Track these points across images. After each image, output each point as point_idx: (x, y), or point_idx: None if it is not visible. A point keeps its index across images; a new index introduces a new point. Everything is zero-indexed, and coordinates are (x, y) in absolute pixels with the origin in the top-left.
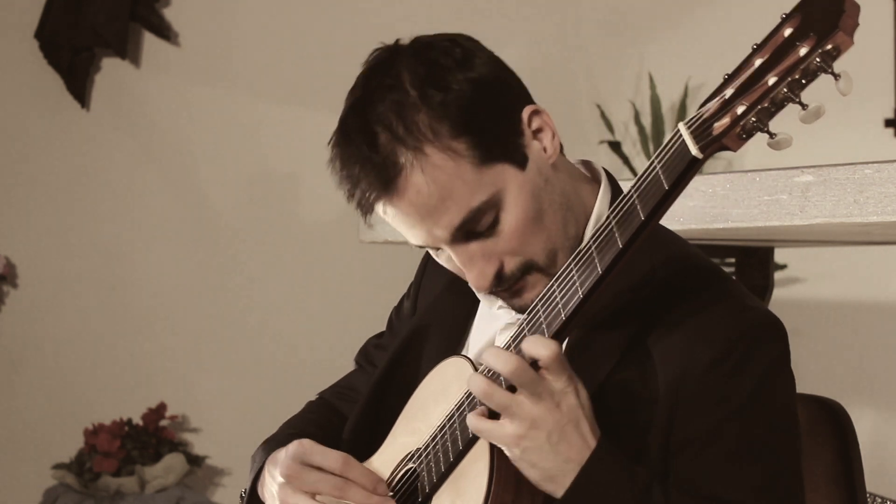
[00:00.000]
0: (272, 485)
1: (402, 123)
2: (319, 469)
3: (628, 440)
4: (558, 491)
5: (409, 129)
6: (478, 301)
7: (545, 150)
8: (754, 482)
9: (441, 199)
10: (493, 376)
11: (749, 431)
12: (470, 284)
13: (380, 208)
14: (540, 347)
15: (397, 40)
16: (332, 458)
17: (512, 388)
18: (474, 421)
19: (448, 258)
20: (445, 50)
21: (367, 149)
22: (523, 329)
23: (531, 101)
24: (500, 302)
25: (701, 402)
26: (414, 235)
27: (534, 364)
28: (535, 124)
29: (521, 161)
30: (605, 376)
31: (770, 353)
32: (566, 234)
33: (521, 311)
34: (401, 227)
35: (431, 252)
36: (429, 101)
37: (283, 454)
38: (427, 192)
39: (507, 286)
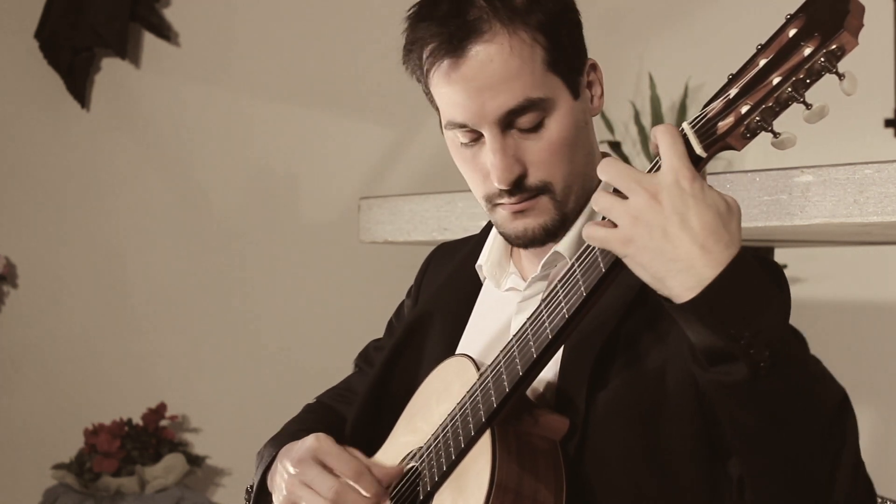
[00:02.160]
0: (282, 474)
1: None
2: (331, 470)
3: (646, 385)
4: (676, 295)
5: (505, 4)
6: (479, 287)
7: (592, 101)
8: None
9: (508, 77)
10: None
11: None
12: (494, 176)
13: (440, 69)
14: (657, 129)
15: None
16: (345, 464)
17: None
18: (589, 228)
19: (473, 156)
20: None
21: (460, 6)
22: (541, 312)
23: None
24: (508, 283)
25: None
26: (464, 109)
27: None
28: (591, 76)
29: (575, 92)
30: (615, 326)
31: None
32: (584, 183)
33: (517, 239)
34: (454, 96)
35: (460, 140)
36: None
37: (299, 445)
38: (500, 65)
39: (520, 197)
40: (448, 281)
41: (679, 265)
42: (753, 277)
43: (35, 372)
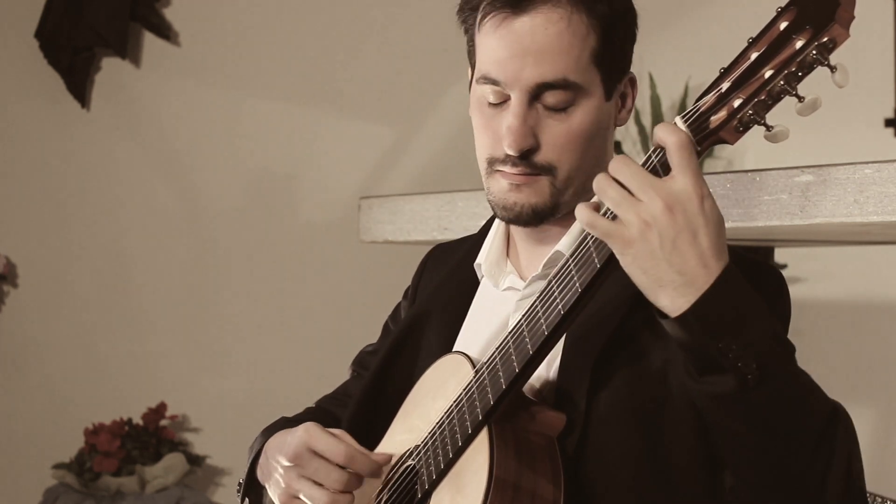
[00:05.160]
0: (276, 468)
1: None
2: (322, 455)
3: (648, 385)
4: (668, 306)
5: None
6: (477, 286)
7: (620, 111)
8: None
9: (556, 50)
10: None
11: None
12: (507, 139)
13: (494, 20)
14: (667, 133)
15: None
16: (335, 448)
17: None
18: (587, 215)
19: (491, 117)
20: None
21: None
22: (536, 308)
23: None
24: (507, 282)
25: None
26: (503, 66)
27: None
28: (626, 88)
29: (609, 94)
30: (617, 325)
31: (785, 304)
32: (587, 179)
33: (507, 211)
34: (498, 52)
35: (488, 98)
36: None
37: (290, 437)
38: (553, 35)
39: (522, 170)
40: (446, 280)
41: (683, 279)
42: (742, 292)
43: (35, 372)
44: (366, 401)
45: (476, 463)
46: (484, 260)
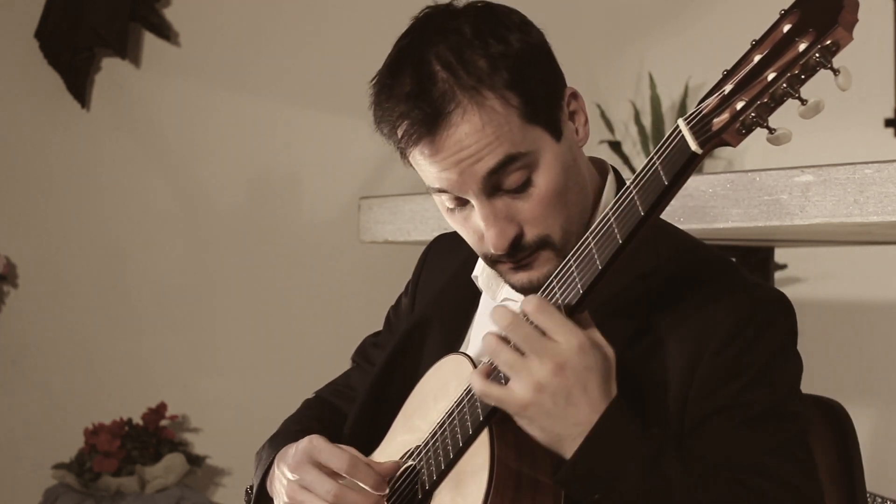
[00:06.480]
0: (281, 480)
1: (462, 64)
2: (326, 467)
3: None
4: (567, 453)
5: (468, 71)
6: (479, 295)
7: (577, 132)
8: (769, 446)
9: (486, 142)
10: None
11: (763, 400)
12: (489, 244)
13: (415, 150)
14: (525, 304)
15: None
16: (338, 458)
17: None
18: (480, 385)
19: (464, 219)
20: (505, 12)
21: (423, 84)
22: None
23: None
24: (503, 293)
25: (716, 379)
26: (446, 178)
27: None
28: (572, 106)
29: (557, 133)
30: (618, 354)
31: (783, 328)
32: (581, 218)
33: (523, 290)
34: (434, 168)
35: (447, 205)
36: (488, 50)
37: (294, 450)
38: (474, 138)
39: (519, 256)
40: (446, 288)
41: (579, 429)
42: (615, 443)
43: (35, 372)
44: (367, 408)
45: (476, 463)
46: (480, 272)
